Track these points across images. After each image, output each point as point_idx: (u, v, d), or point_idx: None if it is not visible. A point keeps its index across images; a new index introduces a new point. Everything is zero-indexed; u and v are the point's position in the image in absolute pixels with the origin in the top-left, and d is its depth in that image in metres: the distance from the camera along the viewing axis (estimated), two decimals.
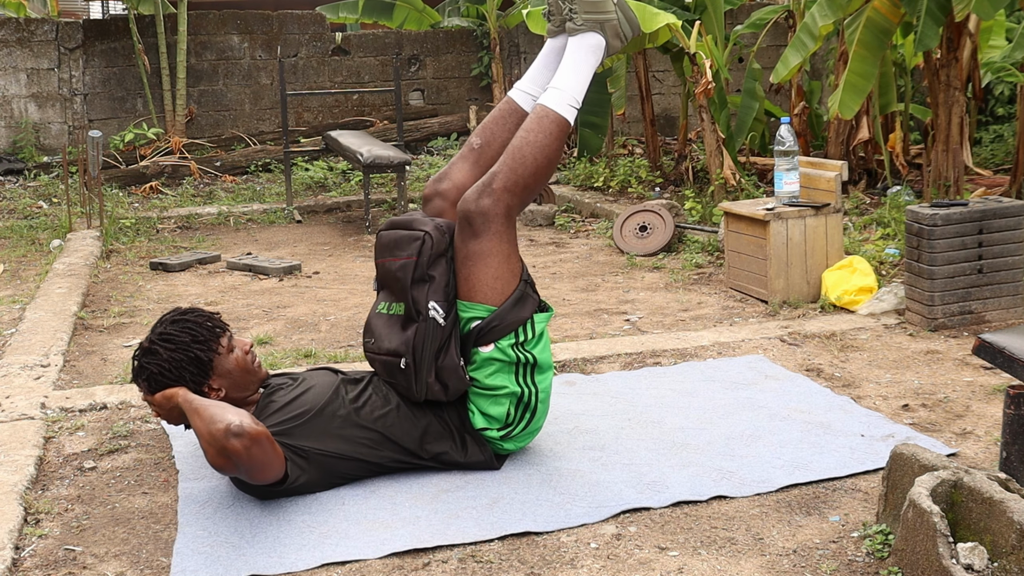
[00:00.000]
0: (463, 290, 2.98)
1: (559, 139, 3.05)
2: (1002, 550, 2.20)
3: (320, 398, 2.94)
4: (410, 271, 2.96)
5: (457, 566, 2.52)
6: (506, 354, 2.97)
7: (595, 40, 3.17)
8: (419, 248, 2.97)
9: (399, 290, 3.00)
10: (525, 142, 3.01)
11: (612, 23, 3.18)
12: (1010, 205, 4.35)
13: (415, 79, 11.31)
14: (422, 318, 2.93)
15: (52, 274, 5.77)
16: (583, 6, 3.16)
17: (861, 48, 6.08)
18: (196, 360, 2.89)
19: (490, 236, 2.95)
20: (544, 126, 3.03)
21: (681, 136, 8.52)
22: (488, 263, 2.95)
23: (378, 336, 3.04)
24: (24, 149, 9.88)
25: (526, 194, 3.02)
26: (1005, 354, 2.61)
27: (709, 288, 5.29)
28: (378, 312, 3.09)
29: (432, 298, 2.94)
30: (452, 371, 2.93)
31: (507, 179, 2.96)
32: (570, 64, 3.14)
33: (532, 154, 3.00)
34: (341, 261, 6.45)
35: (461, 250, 2.97)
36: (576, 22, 3.16)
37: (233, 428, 2.61)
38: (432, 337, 2.93)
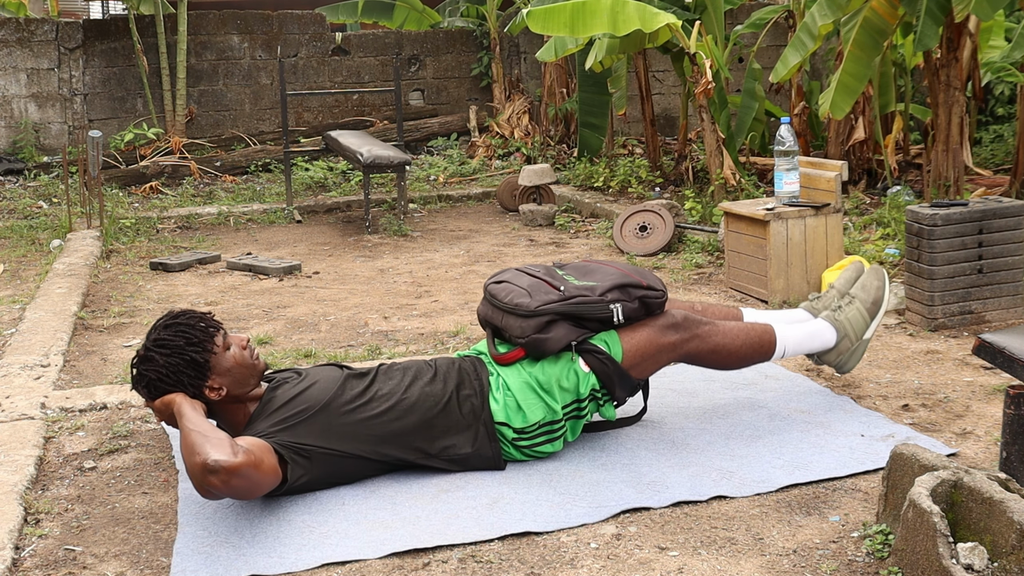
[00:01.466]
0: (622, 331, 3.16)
1: (757, 352, 3.31)
2: (1002, 550, 2.20)
3: (325, 393, 2.94)
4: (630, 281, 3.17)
5: (457, 566, 2.52)
6: (585, 386, 3.09)
7: (832, 336, 3.43)
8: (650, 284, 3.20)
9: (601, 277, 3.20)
10: (742, 330, 3.29)
11: (847, 343, 3.43)
12: (1010, 205, 4.35)
13: (415, 79, 11.31)
14: (603, 300, 3.11)
15: (52, 274, 5.77)
16: (851, 314, 3.43)
17: (856, 48, 6.08)
18: (192, 363, 2.89)
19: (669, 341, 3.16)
20: (760, 335, 3.31)
21: (681, 136, 8.53)
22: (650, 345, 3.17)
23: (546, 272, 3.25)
24: (24, 149, 9.88)
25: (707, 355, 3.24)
26: (1005, 354, 2.61)
27: (709, 288, 5.29)
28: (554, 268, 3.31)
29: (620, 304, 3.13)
30: (562, 335, 3.07)
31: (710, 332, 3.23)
32: (805, 332, 3.41)
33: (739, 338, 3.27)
34: (341, 261, 6.45)
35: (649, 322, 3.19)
36: (835, 316, 3.45)
37: (209, 465, 2.59)
38: (592, 311, 3.10)
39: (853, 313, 3.43)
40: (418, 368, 3.11)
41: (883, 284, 3.49)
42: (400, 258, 6.49)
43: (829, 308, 3.49)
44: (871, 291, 3.47)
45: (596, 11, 6.58)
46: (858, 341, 3.44)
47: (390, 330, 4.74)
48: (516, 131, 10.43)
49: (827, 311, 3.48)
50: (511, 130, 10.47)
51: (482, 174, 9.66)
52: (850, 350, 3.43)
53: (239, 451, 2.66)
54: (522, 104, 10.59)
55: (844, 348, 3.43)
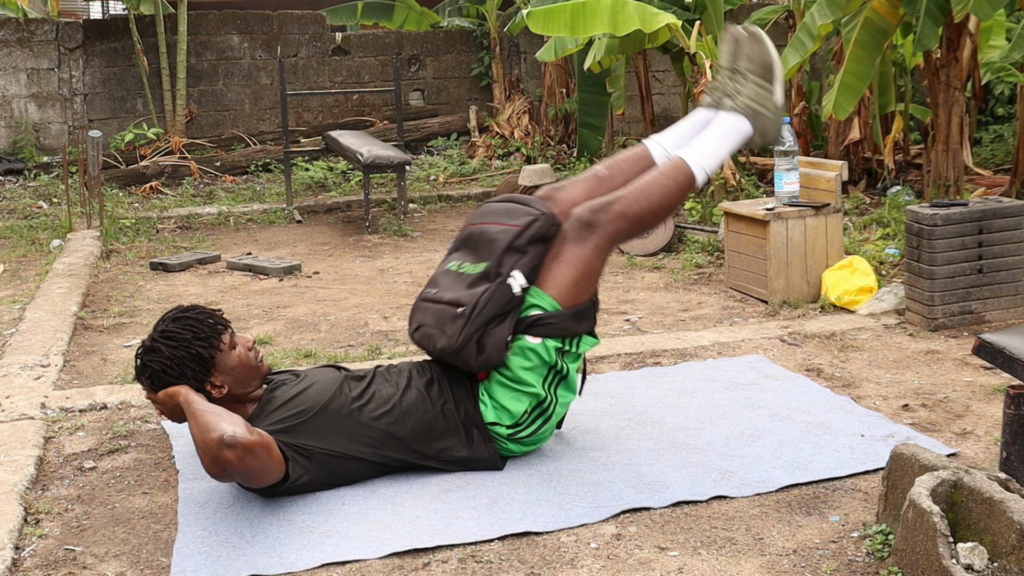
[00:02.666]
0: (541, 279, 3.05)
1: (683, 193, 3.17)
2: (1002, 550, 2.20)
3: (323, 395, 2.94)
4: (511, 236, 3.04)
5: (457, 566, 2.52)
6: (548, 354, 3.01)
7: (744, 125, 3.28)
8: (529, 222, 3.06)
9: (488, 251, 3.06)
10: (657, 182, 3.12)
11: (765, 119, 3.28)
12: (1010, 205, 4.35)
13: (415, 79, 11.31)
14: (499, 280, 3.00)
15: (52, 274, 5.77)
16: (750, 91, 3.27)
17: (858, 48, 6.08)
18: (198, 357, 2.89)
19: (589, 248, 3.04)
20: (676, 176, 3.15)
21: None
22: (575, 268, 3.03)
23: (443, 287, 3.11)
24: (24, 149, 9.89)
25: (635, 227, 3.12)
26: (1005, 354, 2.61)
27: (709, 288, 5.29)
28: (447, 268, 3.16)
29: (519, 267, 3.02)
30: (497, 342, 2.98)
31: (627, 206, 3.07)
32: (716, 136, 3.26)
33: (658, 194, 3.11)
34: (341, 261, 6.45)
35: (558, 247, 3.06)
36: (736, 102, 3.27)
37: (226, 439, 2.61)
38: (498, 300, 2.99)
39: (751, 90, 3.26)
40: (416, 371, 3.12)
41: (765, 46, 3.28)
42: (400, 258, 6.49)
43: (727, 94, 3.29)
44: (757, 58, 3.27)
45: (596, 11, 6.58)
46: (773, 111, 3.27)
47: (390, 330, 4.74)
48: (516, 131, 10.43)
49: (727, 99, 3.28)
50: (511, 130, 10.47)
51: (482, 174, 9.66)
52: (770, 123, 3.28)
53: (253, 430, 2.69)
54: (522, 104, 10.59)
55: (763, 125, 3.28)
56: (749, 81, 3.27)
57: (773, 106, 3.27)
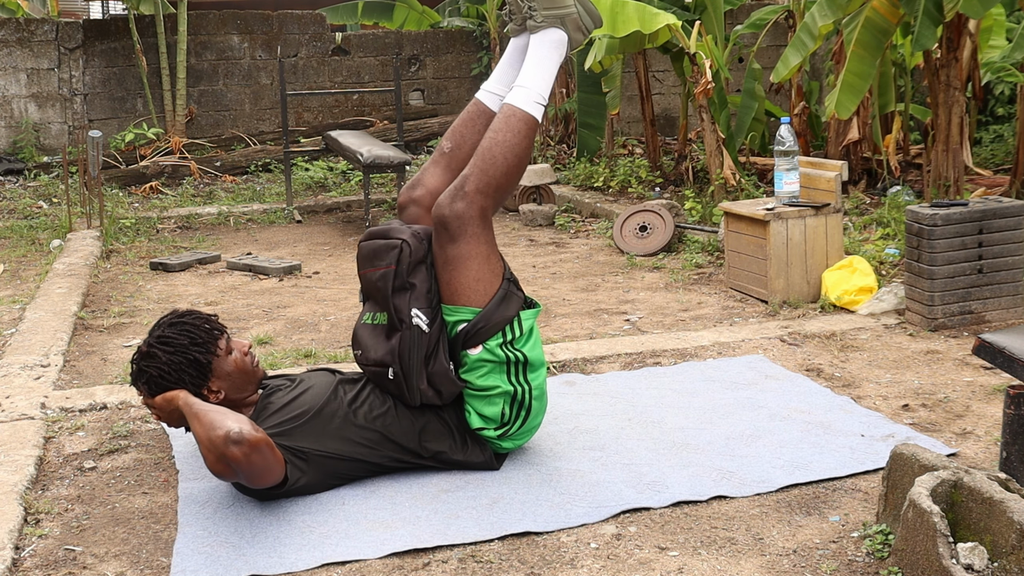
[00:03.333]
0: (446, 294, 2.98)
1: (528, 137, 3.06)
2: (1002, 550, 2.20)
3: (318, 399, 2.94)
4: (390, 280, 2.96)
5: (457, 566, 2.52)
6: (495, 354, 2.97)
7: (557, 35, 3.18)
8: (397, 256, 2.97)
9: (381, 300, 3.01)
10: (494, 142, 3.02)
11: (572, 16, 3.19)
12: (1010, 205, 4.35)
13: (415, 79, 11.31)
14: (405, 326, 2.93)
15: (52, 274, 5.77)
16: (542, 3, 3.16)
17: (859, 48, 6.08)
18: (195, 363, 2.89)
19: (467, 239, 2.95)
20: (512, 125, 3.04)
21: (681, 136, 8.52)
22: (468, 266, 2.95)
23: (365, 347, 3.05)
24: (24, 149, 9.88)
25: (499, 194, 3.03)
26: (1005, 354, 2.61)
27: (709, 288, 5.29)
28: (363, 323, 3.09)
29: (414, 305, 2.94)
30: (443, 376, 2.94)
31: (479, 181, 2.97)
32: (534, 61, 3.15)
33: (502, 154, 3.01)
34: (341, 261, 6.45)
35: (440, 255, 2.98)
36: (536, 19, 3.17)
37: (233, 435, 2.61)
38: (417, 344, 2.92)
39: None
40: None
41: None
42: None
43: (526, 16, 3.19)
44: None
45: None
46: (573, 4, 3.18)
47: None
48: None
49: (529, 21, 3.18)
50: None
51: None
52: (580, 15, 3.19)
53: (258, 428, 2.69)
54: None
55: (575, 24, 3.19)
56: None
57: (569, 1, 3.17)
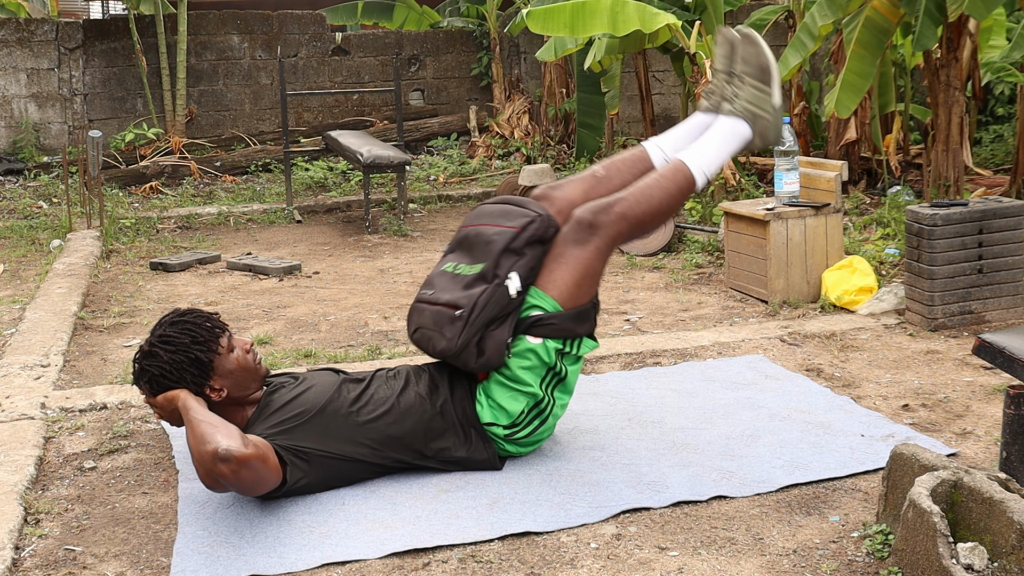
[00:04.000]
0: (542, 280, 3.04)
1: (683, 196, 3.15)
2: (1002, 550, 2.20)
3: (321, 397, 2.94)
4: (507, 238, 3.03)
5: (457, 566, 2.52)
6: (548, 354, 3.00)
7: (743, 129, 3.27)
8: (526, 224, 3.05)
9: (484, 253, 3.05)
10: (657, 184, 3.12)
11: (763, 121, 3.26)
12: (1010, 205, 4.35)
13: (415, 79, 11.31)
14: (497, 282, 2.99)
15: (52, 274, 5.77)
16: (748, 94, 3.25)
17: (860, 48, 6.08)
18: (196, 361, 2.89)
19: (590, 249, 3.03)
20: (677, 179, 3.15)
21: None
22: (576, 270, 3.02)
23: (439, 288, 3.08)
24: (24, 149, 9.89)
25: (635, 230, 3.11)
26: (1005, 354, 2.61)
27: (709, 288, 5.29)
28: (443, 270, 3.14)
29: (516, 270, 3.00)
30: (496, 344, 2.97)
31: (628, 208, 3.06)
32: (715, 140, 3.25)
33: (659, 197, 3.11)
34: (341, 261, 6.45)
35: (559, 248, 3.05)
36: (735, 106, 3.26)
37: (221, 452, 2.60)
38: (496, 302, 2.97)
39: (749, 92, 3.25)
40: (413, 372, 3.12)
41: (760, 47, 3.26)
42: (400, 258, 6.49)
43: (725, 99, 3.28)
44: (752, 60, 3.26)
45: (596, 11, 6.58)
46: (772, 113, 3.26)
47: (390, 330, 4.74)
48: (516, 131, 10.44)
49: (726, 104, 3.27)
50: (511, 130, 10.47)
51: (482, 174, 9.66)
52: (769, 125, 3.26)
53: (249, 443, 2.68)
54: (522, 104, 10.59)
55: (763, 128, 3.26)
56: (746, 84, 3.26)
57: (771, 108, 3.25)
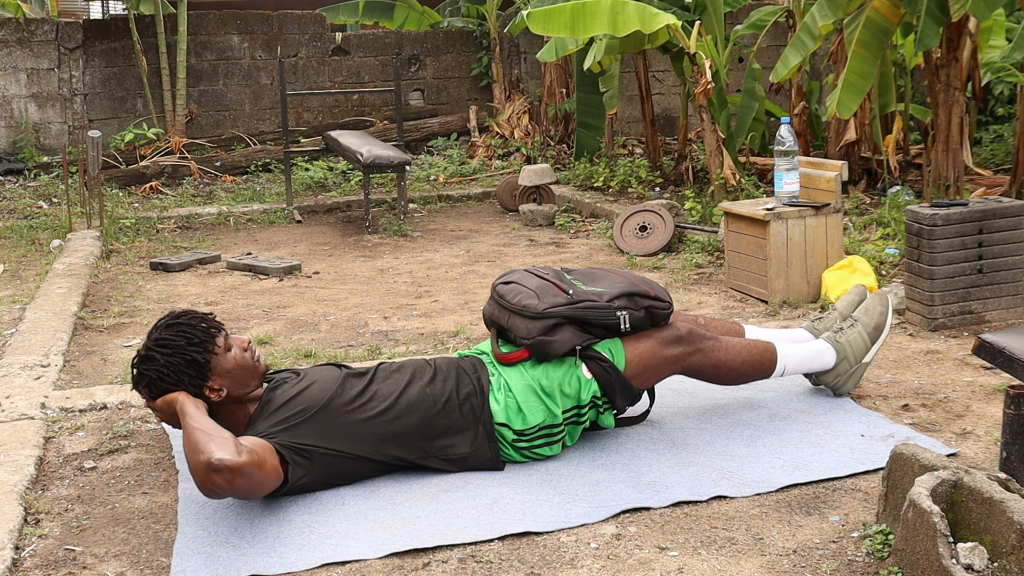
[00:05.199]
0: (627, 340, 3.16)
1: (757, 370, 3.31)
2: (1002, 550, 2.20)
3: (324, 393, 2.94)
4: (638, 290, 3.17)
5: (457, 566, 2.52)
6: (587, 393, 3.09)
7: (830, 357, 3.44)
8: (657, 296, 3.20)
9: (608, 284, 3.20)
10: (745, 347, 3.30)
11: (846, 363, 3.45)
12: (1010, 205, 4.35)
13: (415, 79, 11.31)
14: (611, 307, 3.12)
15: (52, 274, 5.77)
16: (852, 337, 3.45)
17: (861, 48, 6.08)
18: (193, 363, 2.89)
19: (671, 354, 3.17)
20: (763, 353, 3.32)
21: (681, 136, 8.53)
22: (652, 358, 3.16)
23: (555, 275, 3.26)
24: (24, 149, 9.88)
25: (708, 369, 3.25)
26: (1005, 354, 2.61)
27: (709, 288, 5.29)
28: (562, 271, 3.32)
29: (626, 308, 3.14)
30: (568, 339, 3.07)
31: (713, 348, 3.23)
32: (805, 351, 3.41)
33: (742, 356, 3.27)
34: (341, 261, 6.45)
35: (651, 335, 3.18)
36: (837, 336, 3.46)
37: (214, 463, 2.60)
38: (601, 316, 3.10)
39: (854, 336, 3.45)
40: (417, 367, 3.11)
41: (886, 310, 3.51)
42: (400, 258, 6.49)
43: (831, 329, 3.51)
44: (874, 316, 3.49)
45: (596, 12, 6.58)
46: (857, 364, 3.46)
47: (390, 330, 4.74)
48: (516, 131, 10.44)
49: (828, 332, 3.50)
50: (511, 130, 10.47)
51: (482, 174, 9.66)
52: (848, 372, 3.46)
53: (243, 450, 2.66)
54: (522, 104, 10.59)
55: (843, 370, 3.46)
56: (856, 328, 3.46)
57: (860, 362, 3.45)
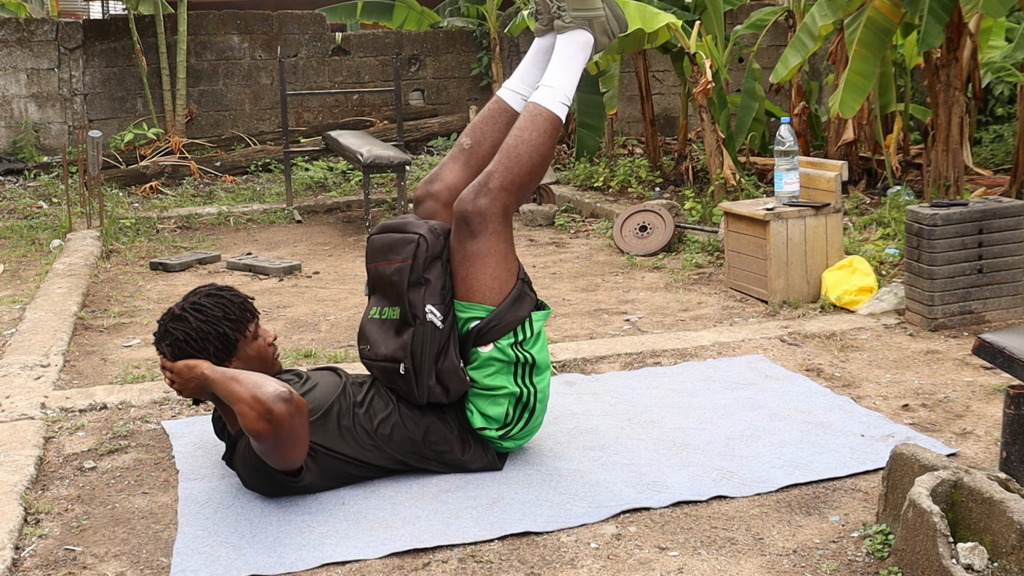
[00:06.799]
0: (460, 291, 2.97)
1: (552, 136, 3.06)
2: (1002, 550, 2.20)
3: (327, 398, 2.94)
4: (406, 275, 2.95)
5: (457, 566, 2.52)
6: (505, 354, 2.96)
7: (584, 37, 3.17)
8: (414, 251, 2.96)
9: (394, 295, 2.99)
10: (520, 140, 3.02)
11: (600, 20, 3.18)
12: (1010, 205, 4.35)
13: (415, 79, 11.31)
14: (419, 322, 2.93)
15: (52, 274, 5.77)
16: (571, 3, 3.16)
17: (862, 48, 6.08)
18: (223, 336, 2.89)
19: (488, 236, 2.95)
20: (538, 124, 3.04)
21: (681, 136, 8.53)
22: (486, 263, 2.95)
23: (374, 342, 3.03)
24: (24, 149, 9.89)
25: (522, 192, 3.03)
26: (1005, 354, 2.61)
27: (709, 288, 5.29)
28: (371, 318, 3.08)
29: (429, 301, 2.94)
30: (453, 373, 2.93)
31: (503, 178, 2.97)
32: (560, 62, 3.14)
33: (527, 152, 3.01)
34: (341, 261, 6.45)
35: (458, 251, 2.97)
36: (565, 20, 3.16)
37: (283, 393, 2.64)
38: (431, 340, 2.92)
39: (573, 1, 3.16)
40: None
41: None
42: None
43: (553, 15, 3.18)
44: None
45: None
46: (606, 9, 3.18)
47: None
48: None
49: (556, 21, 3.17)
50: None
51: None
52: (607, 19, 3.19)
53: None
54: None
55: (602, 27, 3.18)
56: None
57: (598, 3, 3.18)
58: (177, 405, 3.67)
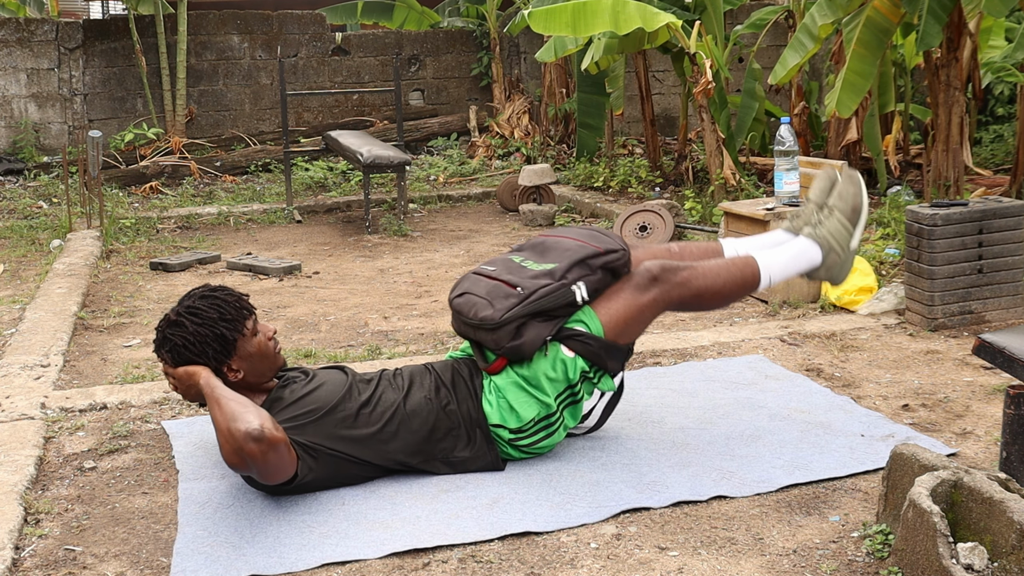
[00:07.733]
0: (596, 304, 3.09)
1: (744, 288, 3.19)
2: (1002, 550, 2.20)
3: (333, 396, 2.94)
4: (587, 253, 3.09)
5: (457, 566, 2.52)
6: (574, 371, 3.03)
7: (816, 255, 3.30)
8: (608, 249, 3.11)
9: (558, 256, 3.10)
10: (725, 268, 3.18)
11: (836, 255, 3.30)
12: (1010, 205, 4.35)
13: (415, 79, 11.31)
14: (564, 282, 3.03)
15: (52, 274, 5.77)
16: (832, 226, 3.30)
17: (860, 47, 6.08)
18: (221, 338, 2.90)
19: (648, 298, 3.08)
20: (744, 270, 3.19)
21: (681, 136, 8.53)
22: (629, 310, 3.07)
23: (502, 269, 3.14)
24: (24, 149, 9.88)
25: (693, 299, 3.15)
26: (1005, 354, 2.61)
27: None
28: (509, 258, 3.20)
29: (585, 282, 3.06)
30: (536, 335, 2.99)
31: (693, 277, 3.11)
32: (788, 255, 3.28)
33: (724, 278, 3.15)
34: (341, 261, 6.45)
35: (621, 286, 3.11)
36: (816, 231, 3.30)
37: (253, 432, 2.63)
38: (557, 298, 3.01)
39: (834, 225, 3.29)
40: (417, 374, 3.13)
41: (859, 189, 3.34)
42: (400, 258, 6.49)
43: (809, 224, 3.34)
44: (848, 199, 3.32)
45: (598, 11, 6.58)
46: (845, 253, 3.31)
47: (390, 330, 4.74)
48: (516, 131, 10.44)
49: (808, 227, 3.33)
50: (511, 130, 10.48)
51: (482, 174, 9.66)
52: (839, 263, 3.31)
53: (278, 427, 2.71)
54: (522, 104, 10.59)
55: (832, 263, 3.30)
56: (834, 217, 3.31)
57: (848, 248, 3.31)
58: (177, 405, 3.68)
